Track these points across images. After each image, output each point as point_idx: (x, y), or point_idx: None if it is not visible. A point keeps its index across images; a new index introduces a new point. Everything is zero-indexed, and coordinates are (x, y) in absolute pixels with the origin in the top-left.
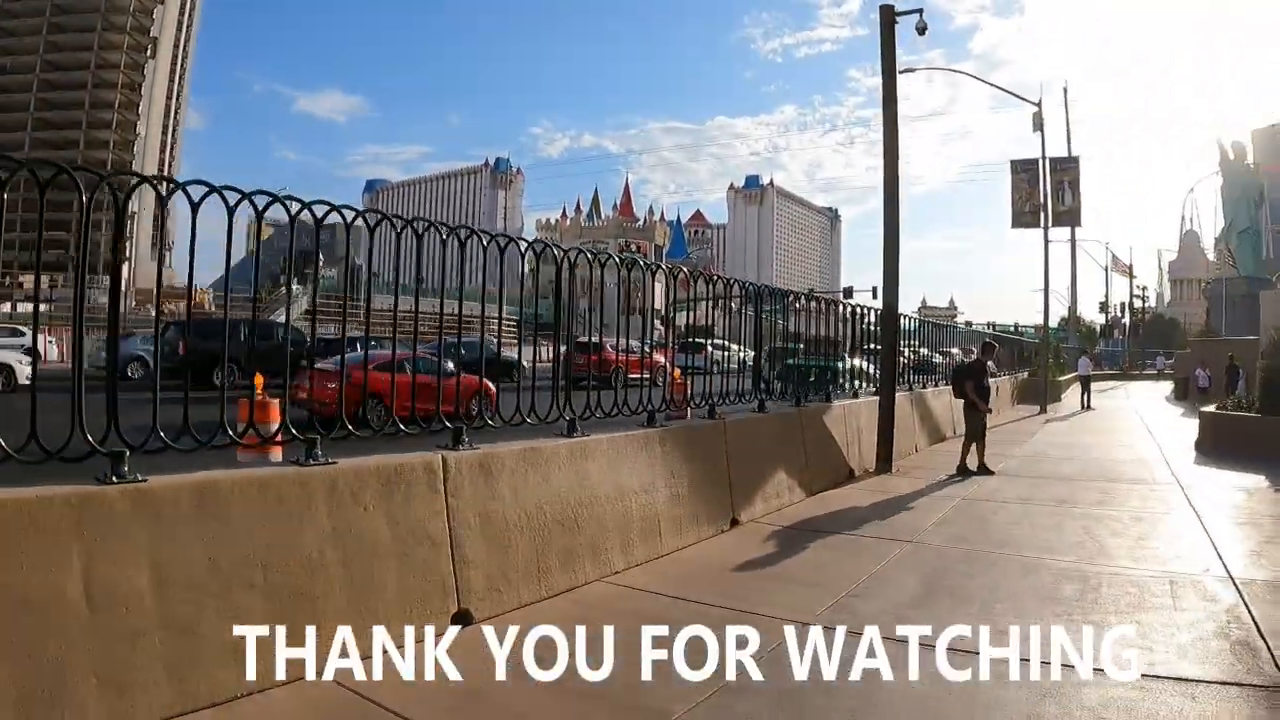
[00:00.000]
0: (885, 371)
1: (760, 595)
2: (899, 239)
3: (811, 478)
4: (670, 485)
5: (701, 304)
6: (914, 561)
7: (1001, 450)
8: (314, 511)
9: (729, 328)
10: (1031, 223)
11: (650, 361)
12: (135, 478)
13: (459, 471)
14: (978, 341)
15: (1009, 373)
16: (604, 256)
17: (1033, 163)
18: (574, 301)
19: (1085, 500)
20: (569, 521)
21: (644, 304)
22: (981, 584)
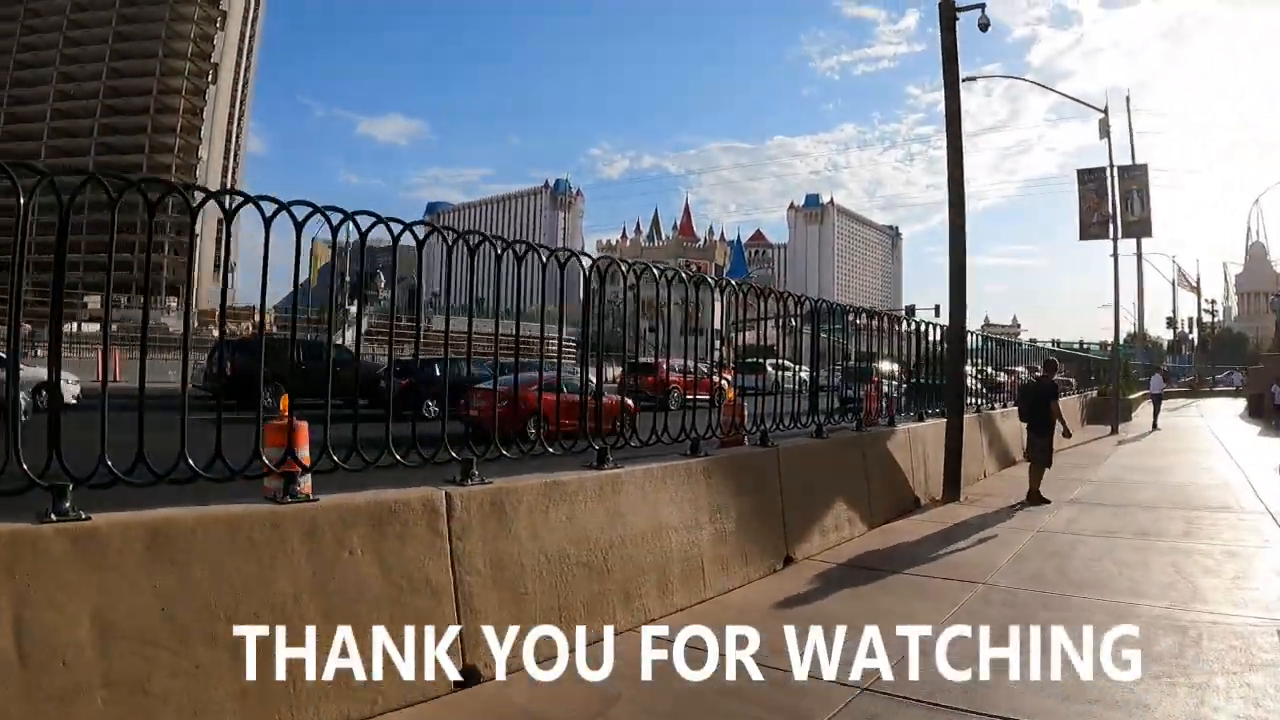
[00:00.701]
0: (952, 393)
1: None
2: (965, 251)
3: (874, 508)
4: (716, 521)
5: (761, 322)
6: (986, 608)
7: (1074, 475)
8: (290, 555)
9: (792, 347)
10: (1100, 234)
11: (707, 382)
12: (78, 515)
13: (466, 510)
14: (1042, 359)
15: (1077, 392)
16: (659, 268)
17: (1100, 172)
18: (630, 320)
19: (1170, 532)
20: (597, 564)
21: (701, 323)
22: (1062, 634)
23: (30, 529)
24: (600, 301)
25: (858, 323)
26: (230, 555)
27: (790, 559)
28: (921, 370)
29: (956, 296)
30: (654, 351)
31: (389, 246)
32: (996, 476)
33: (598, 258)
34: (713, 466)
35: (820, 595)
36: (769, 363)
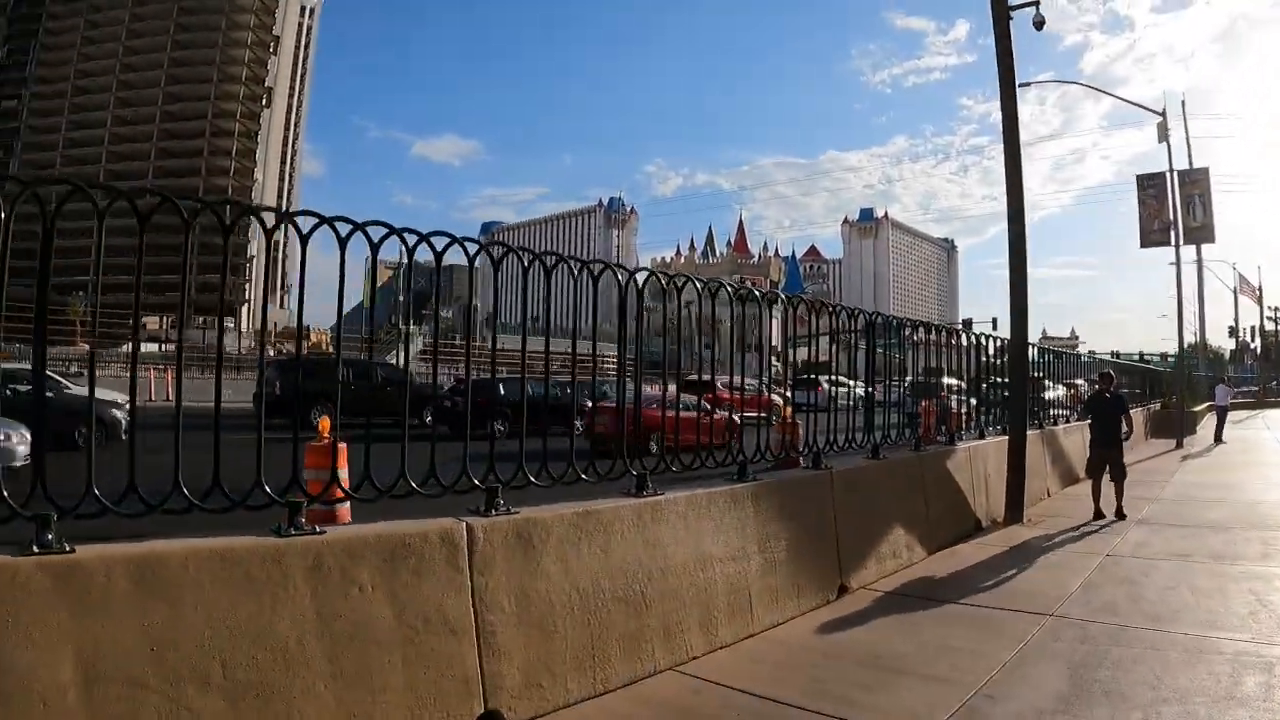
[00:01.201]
0: (1014, 409)
1: (868, 694)
2: (1026, 258)
3: (933, 532)
4: (765, 550)
5: (817, 338)
6: (1056, 644)
7: (1141, 493)
8: (291, 592)
9: (848, 362)
10: (1162, 241)
11: (765, 400)
12: (61, 548)
13: (488, 543)
14: (1099, 372)
15: (1141, 404)
16: (714, 285)
17: (1159, 177)
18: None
19: (1247, 555)
20: (634, 599)
21: (760, 338)
22: (1140, 676)
23: (10, 561)
24: (677, 317)
25: (915, 338)
26: (225, 592)
27: (845, 588)
28: (981, 385)
29: (1017, 308)
30: (709, 367)
31: (446, 267)
32: (1060, 495)
33: (654, 269)
34: (761, 491)
35: (876, 630)
36: (825, 379)
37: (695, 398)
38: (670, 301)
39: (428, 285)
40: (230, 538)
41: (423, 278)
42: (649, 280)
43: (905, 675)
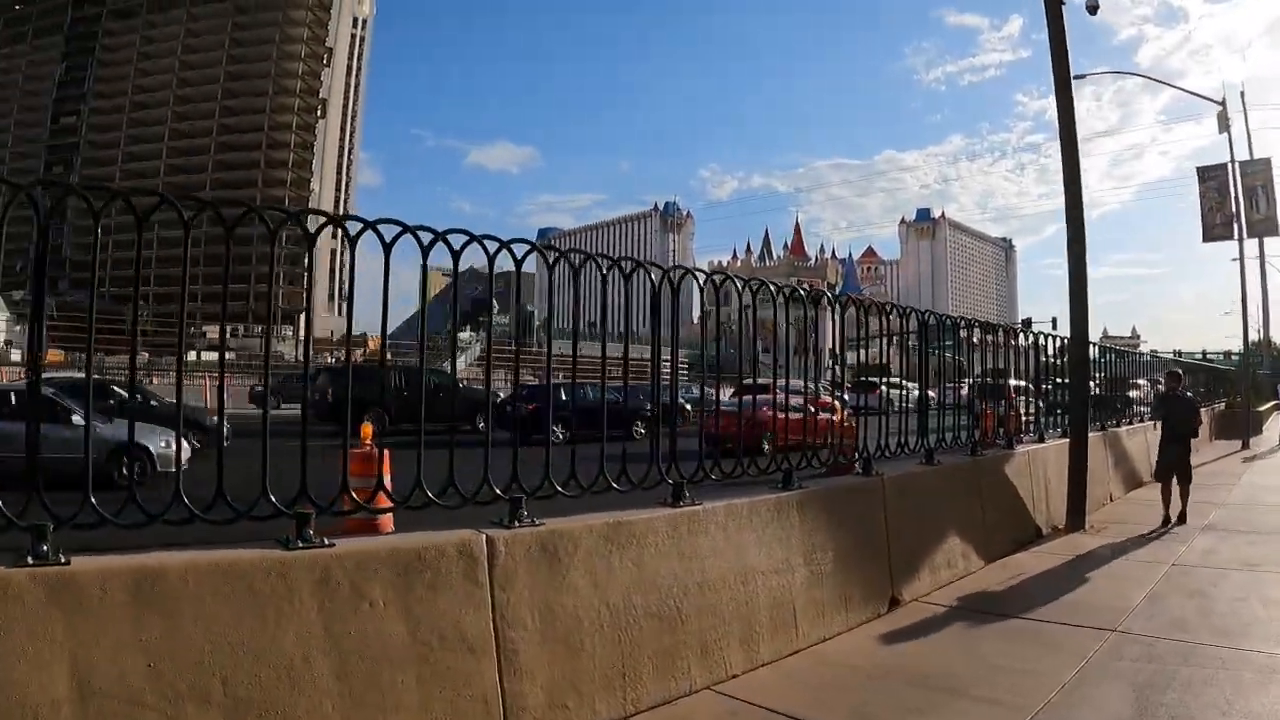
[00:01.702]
0: (1076, 411)
1: (917, 718)
2: (1085, 255)
3: (991, 540)
4: (811, 562)
5: (873, 340)
6: (1119, 663)
7: (1207, 497)
8: (298, 607)
9: (903, 365)
10: (1224, 235)
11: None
12: (57, 559)
13: (510, 556)
14: (1166, 371)
15: (1205, 404)
16: (755, 284)
17: (1220, 169)
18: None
19: None
20: (669, 614)
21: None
22: (1210, 699)
23: (3, 573)
24: (751, 322)
25: (972, 339)
26: (227, 606)
27: (896, 600)
28: (1042, 386)
29: (1078, 306)
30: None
31: (502, 274)
32: (1123, 500)
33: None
34: (807, 500)
35: (929, 647)
36: (881, 381)
37: (800, 399)
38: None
39: (484, 292)
40: (234, 550)
41: (481, 284)
42: (710, 283)
43: (957, 697)
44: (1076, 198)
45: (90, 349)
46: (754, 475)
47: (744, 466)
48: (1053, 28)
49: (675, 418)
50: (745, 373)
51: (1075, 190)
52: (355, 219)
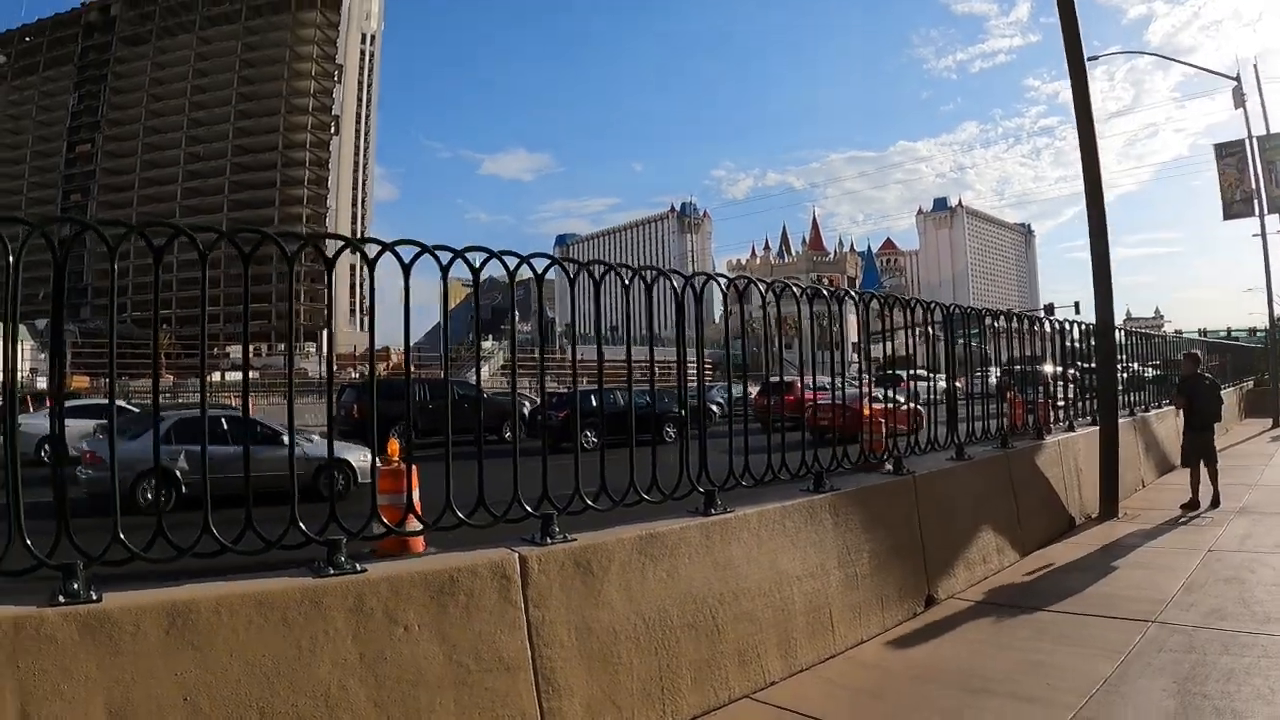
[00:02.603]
0: (1104, 398)
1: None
2: (1107, 238)
3: (1025, 533)
4: (845, 564)
5: (896, 332)
6: (1159, 656)
7: (1239, 479)
8: (333, 635)
9: (928, 355)
10: (1245, 211)
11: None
12: (89, 597)
13: (544, 574)
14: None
15: (1233, 383)
16: (778, 286)
17: (1238, 145)
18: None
19: None
20: (705, 625)
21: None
22: (1255, 689)
23: (35, 613)
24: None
25: (996, 326)
26: (261, 637)
27: (932, 599)
28: (1069, 374)
29: (1102, 293)
30: (790, 368)
31: (523, 281)
32: (1155, 486)
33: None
34: (840, 502)
35: (966, 646)
36: (906, 373)
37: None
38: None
39: (504, 300)
40: (266, 579)
41: (500, 293)
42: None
43: (997, 697)
44: (1096, 187)
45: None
46: (785, 479)
47: (774, 470)
48: (1064, 13)
49: (704, 425)
50: (770, 370)
51: (1095, 178)
52: (374, 241)
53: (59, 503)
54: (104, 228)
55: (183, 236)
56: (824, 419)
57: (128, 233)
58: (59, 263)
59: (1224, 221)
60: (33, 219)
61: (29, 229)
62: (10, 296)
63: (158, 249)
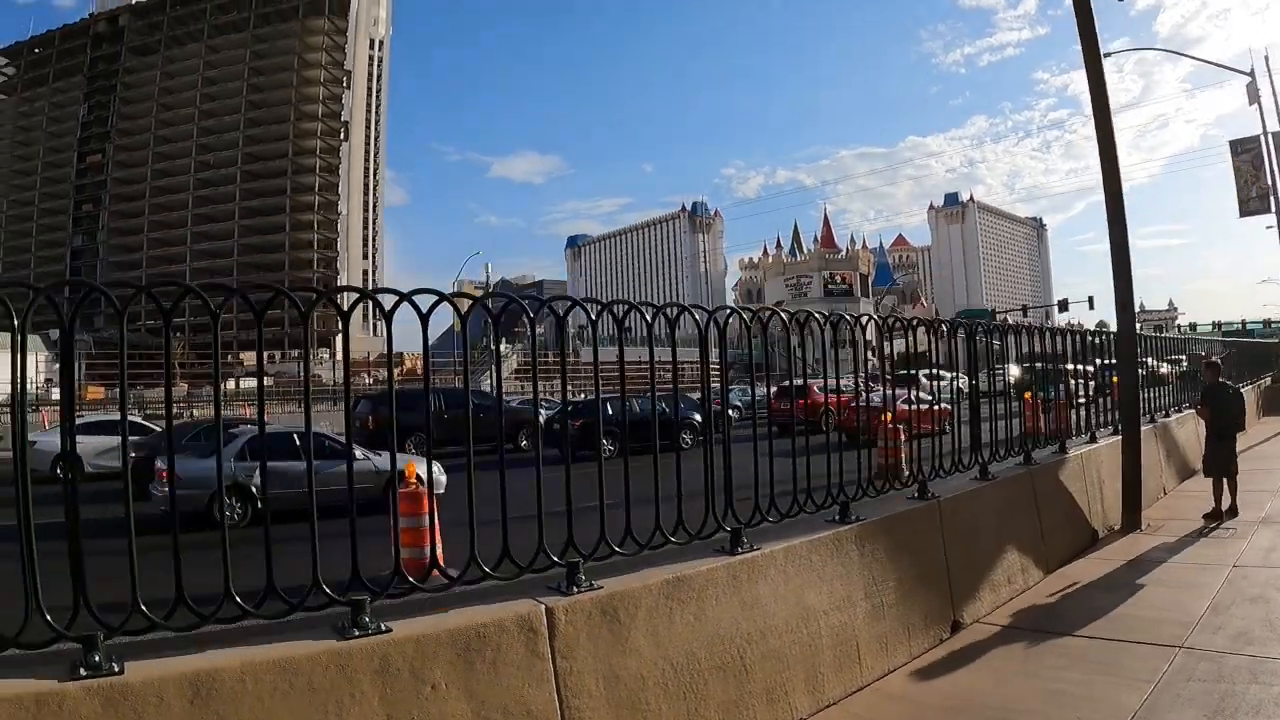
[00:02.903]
0: (1127, 407)
1: None
2: (1128, 241)
3: (1048, 550)
4: (871, 595)
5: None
6: (1188, 685)
7: (1260, 484)
8: (359, 698)
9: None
10: (1261, 208)
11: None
12: (111, 669)
13: (570, 625)
14: (1206, 357)
15: (1250, 380)
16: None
17: (1253, 141)
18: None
19: None
20: (733, 666)
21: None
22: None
23: (57, 688)
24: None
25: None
26: (287, 704)
27: (958, 624)
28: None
29: (1122, 295)
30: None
31: (534, 283)
32: (1176, 493)
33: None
34: (865, 533)
35: (992, 675)
36: (923, 374)
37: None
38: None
39: (514, 306)
40: (290, 644)
41: (515, 292)
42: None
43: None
44: (1116, 189)
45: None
46: (810, 511)
47: (800, 504)
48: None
49: (729, 464)
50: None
51: (1114, 179)
52: (390, 291)
53: (75, 570)
54: (113, 289)
55: (192, 294)
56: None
57: (136, 293)
58: (67, 330)
59: (1241, 219)
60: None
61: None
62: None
63: (167, 311)
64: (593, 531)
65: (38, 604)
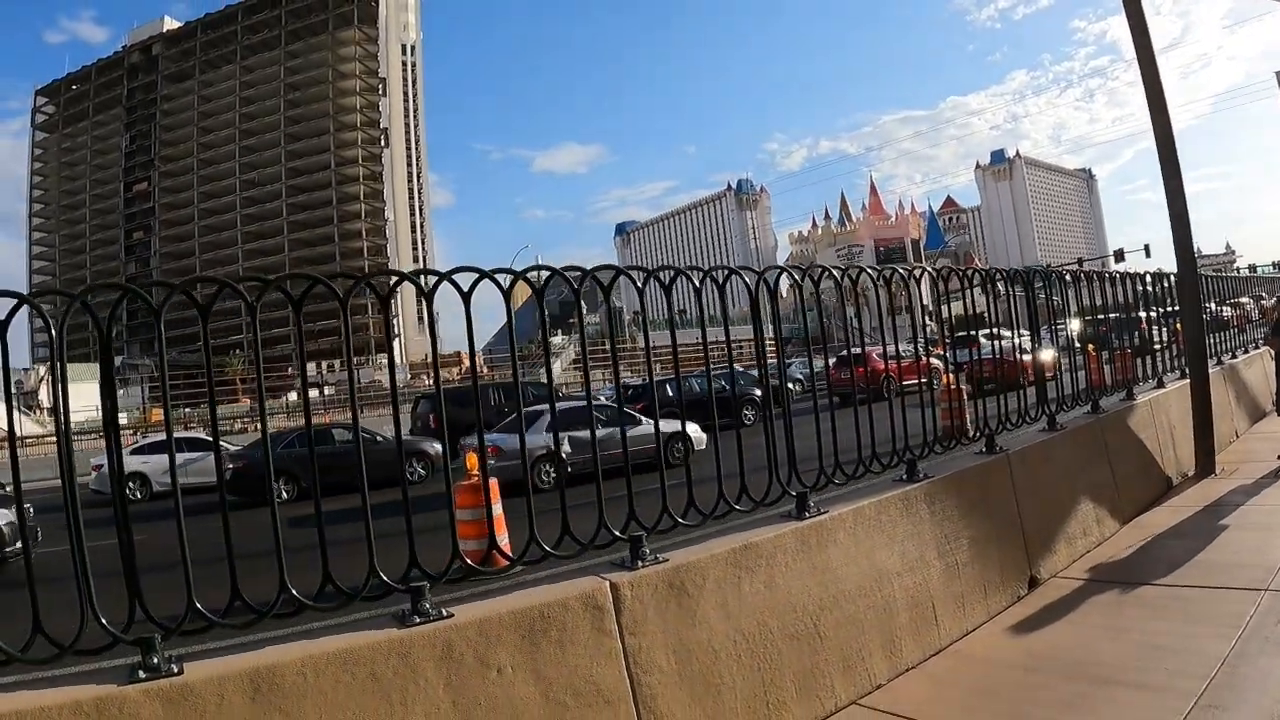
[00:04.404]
0: (1192, 348)
1: (1076, 715)
2: (1181, 176)
3: (1123, 500)
4: (945, 554)
5: (967, 294)
6: (1278, 629)
7: None
8: (423, 685)
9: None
10: None
11: (925, 365)
12: (170, 670)
13: (637, 599)
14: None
15: None
16: (854, 272)
17: None
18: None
19: None
20: (806, 633)
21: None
22: None
23: (116, 692)
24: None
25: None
26: (350, 696)
27: (1035, 580)
28: (1152, 329)
29: (1181, 236)
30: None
31: (585, 272)
32: (1249, 436)
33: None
34: (935, 490)
35: (1074, 630)
36: (982, 334)
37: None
38: None
39: (569, 294)
40: (350, 635)
41: (563, 287)
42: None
43: (1113, 686)
44: (1166, 127)
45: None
46: (876, 471)
47: (865, 464)
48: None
49: (789, 425)
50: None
51: (1163, 119)
52: (431, 272)
53: (128, 567)
54: (144, 289)
55: (227, 289)
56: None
57: (171, 293)
58: (104, 334)
59: None
60: (76, 266)
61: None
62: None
63: (204, 306)
64: (655, 510)
65: (93, 610)
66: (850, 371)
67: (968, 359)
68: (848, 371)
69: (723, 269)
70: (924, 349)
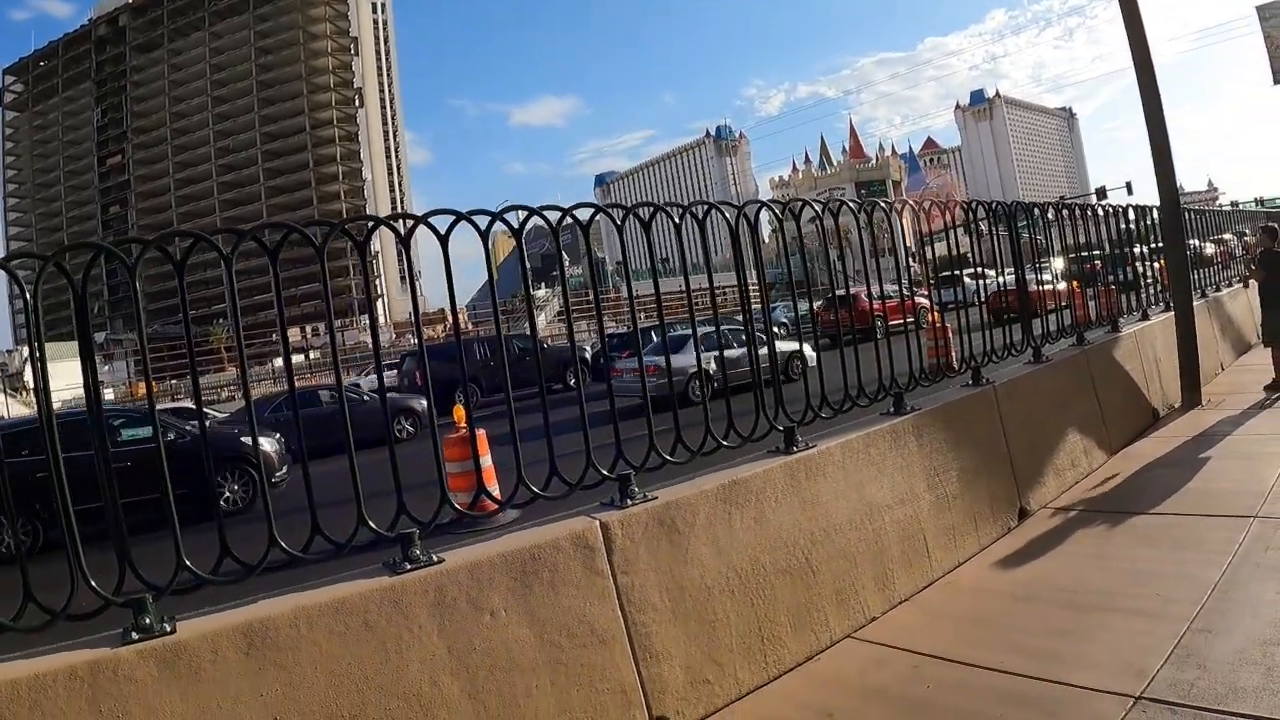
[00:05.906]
0: (1177, 281)
1: (1070, 642)
2: (1164, 119)
3: (1110, 432)
4: (935, 486)
5: (950, 233)
6: (1267, 554)
7: None
8: (417, 632)
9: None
10: None
11: (912, 304)
12: (163, 629)
13: (628, 538)
14: (1258, 226)
15: None
16: (835, 205)
17: None
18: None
19: None
20: (799, 568)
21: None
22: None
23: (110, 655)
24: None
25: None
26: (344, 645)
27: (1025, 511)
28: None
29: (1164, 177)
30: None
31: (566, 227)
32: (1235, 368)
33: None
34: (922, 423)
35: (1065, 560)
36: (965, 274)
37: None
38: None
39: (550, 247)
40: (342, 585)
41: (544, 240)
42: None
43: (1105, 612)
44: (1146, 59)
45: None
46: (864, 404)
47: (852, 397)
48: None
49: (774, 357)
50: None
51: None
52: (408, 215)
53: (116, 528)
54: (118, 246)
55: (202, 243)
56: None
57: (146, 246)
58: (79, 293)
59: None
60: (53, 246)
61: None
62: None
63: (178, 263)
64: (643, 450)
65: (83, 574)
66: (835, 314)
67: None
68: (835, 313)
69: (702, 204)
70: (909, 289)
